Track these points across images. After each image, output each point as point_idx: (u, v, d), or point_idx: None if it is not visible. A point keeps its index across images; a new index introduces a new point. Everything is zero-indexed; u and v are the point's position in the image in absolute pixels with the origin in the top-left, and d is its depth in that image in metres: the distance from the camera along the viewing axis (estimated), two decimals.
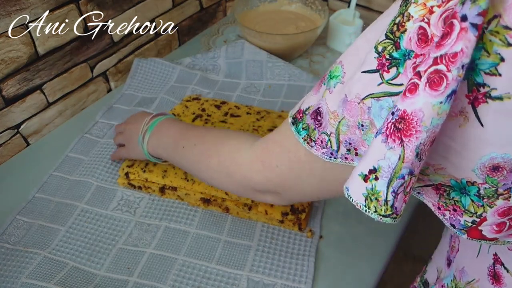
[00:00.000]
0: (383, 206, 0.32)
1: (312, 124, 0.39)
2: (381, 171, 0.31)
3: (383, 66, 0.32)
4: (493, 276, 0.44)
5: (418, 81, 0.28)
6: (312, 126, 0.39)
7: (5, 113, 0.74)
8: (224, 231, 0.65)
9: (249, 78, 0.93)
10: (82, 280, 0.58)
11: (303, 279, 0.58)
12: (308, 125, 0.40)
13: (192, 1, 1.02)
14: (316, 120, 0.38)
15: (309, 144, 0.40)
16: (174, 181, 0.67)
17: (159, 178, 0.68)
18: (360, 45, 0.35)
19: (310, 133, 0.39)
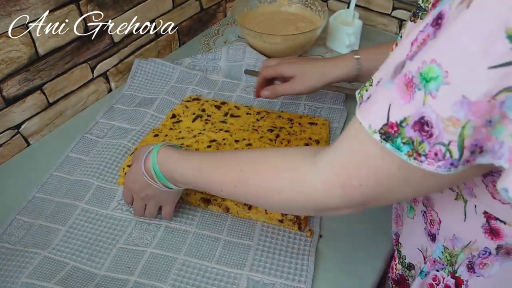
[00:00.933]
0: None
1: (418, 136, 0.34)
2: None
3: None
4: (491, 232, 0.44)
5: None
6: (419, 139, 0.34)
7: (5, 113, 0.74)
8: (224, 231, 0.65)
9: (249, 80, 0.93)
10: (83, 280, 0.58)
11: (303, 278, 0.58)
12: (411, 139, 0.35)
13: (192, 2, 1.02)
14: (423, 131, 0.34)
15: (418, 160, 0.35)
16: None
17: None
18: (462, 38, 0.30)
19: (417, 147, 0.35)
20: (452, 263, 0.50)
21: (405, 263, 0.60)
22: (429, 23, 0.34)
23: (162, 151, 0.58)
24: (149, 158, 0.58)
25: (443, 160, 0.33)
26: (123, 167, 0.70)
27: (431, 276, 0.54)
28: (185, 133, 0.75)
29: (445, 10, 0.33)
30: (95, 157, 0.75)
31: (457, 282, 0.50)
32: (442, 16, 0.33)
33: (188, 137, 0.74)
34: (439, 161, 0.34)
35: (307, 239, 0.63)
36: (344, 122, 0.82)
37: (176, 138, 0.74)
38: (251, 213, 0.65)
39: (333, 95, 0.87)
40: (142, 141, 0.75)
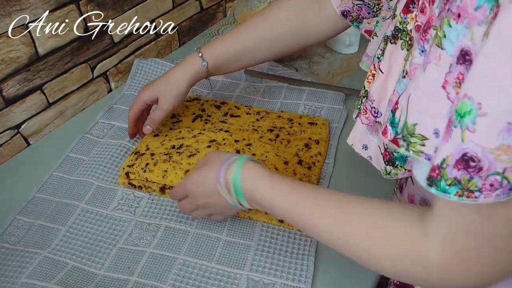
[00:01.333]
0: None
1: (464, 174, 0.34)
2: None
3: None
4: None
5: None
6: (466, 177, 0.33)
7: (5, 113, 0.74)
8: (224, 231, 0.65)
9: (249, 80, 0.93)
10: (83, 280, 0.58)
11: (303, 278, 0.58)
12: (456, 179, 0.34)
13: (192, 2, 1.02)
14: (469, 168, 0.33)
15: (471, 197, 0.34)
16: (174, 181, 0.67)
17: (159, 178, 0.68)
18: (490, 68, 0.31)
19: (466, 185, 0.34)
20: None
21: None
22: (454, 62, 0.34)
23: (249, 166, 0.52)
24: (231, 169, 0.53)
25: (500, 188, 0.33)
26: (123, 167, 0.71)
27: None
28: (185, 133, 0.75)
29: (468, 46, 0.33)
30: (95, 157, 0.75)
31: None
32: (468, 52, 0.33)
33: (188, 137, 0.74)
34: (496, 190, 0.33)
35: (307, 239, 0.63)
36: (344, 122, 0.82)
37: (176, 138, 0.74)
38: (251, 213, 0.65)
39: (333, 95, 0.87)
40: (143, 141, 0.75)
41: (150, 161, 0.69)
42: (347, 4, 0.64)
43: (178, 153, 0.71)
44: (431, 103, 0.37)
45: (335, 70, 0.97)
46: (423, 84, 0.37)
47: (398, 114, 0.40)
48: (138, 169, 0.69)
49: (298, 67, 0.98)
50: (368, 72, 0.52)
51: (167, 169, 0.68)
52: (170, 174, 0.67)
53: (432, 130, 0.38)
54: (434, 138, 0.37)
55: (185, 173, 0.67)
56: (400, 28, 0.44)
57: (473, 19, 0.32)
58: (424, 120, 0.38)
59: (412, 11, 0.42)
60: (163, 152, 0.71)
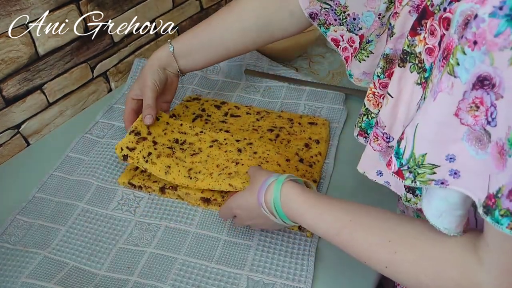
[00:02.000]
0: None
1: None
2: None
3: None
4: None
5: None
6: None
7: (5, 113, 0.74)
8: (224, 231, 0.65)
9: (249, 80, 0.93)
10: (83, 280, 0.58)
11: (303, 278, 0.58)
12: (508, 210, 0.33)
13: (192, 2, 1.02)
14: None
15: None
16: (177, 179, 0.66)
17: (162, 173, 0.66)
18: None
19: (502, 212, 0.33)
20: None
21: None
22: (469, 89, 0.33)
23: (287, 188, 0.52)
24: (270, 192, 0.53)
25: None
26: (120, 147, 0.67)
27: None
28: (187, 128, 0.74)
29: (487, 71, 0.32)
30: (95, 157, 0.75)
31: None
32: (488, 77, 0.32)
33: (190, 134, 0.73)
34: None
35: (307, 239, 0.63)
36: (344, 122, 0.82)
37: (179, 131, 0.73)
38: None
39: (333, 95, 0.87)
40: (142, 120, 0.73)
41: (153, 151, 0.68)
42: (315, 6, 0.64)
43: (182, 149, 0.70)
44: (444, 131, 0.36)
45: (335, 70, 0.97)
46: (433, 113, 0.36)
47: (403, 145, 0.39)
48: (140, 156, 0.67)
49: (298, 67, 0.98)
50: (368, 90, 0.52)
51: (170, 165, 0.67)
52: (173, 171, 0.67)
53: (444, 157, 0.37)
54: (447, 163, 0.37)
55: (188, 171, 0.67)
56: (408, 51, 0.43)
57: (493, 45, 0.31)
58: (435, 148, 0.37)
59: (419, 33, 0.42)
60: (166, 144, 0.70)
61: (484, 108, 0.33)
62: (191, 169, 0.67)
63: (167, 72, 0.74)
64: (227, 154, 0.70)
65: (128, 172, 0.71)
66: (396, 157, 0.40)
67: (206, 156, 0.69)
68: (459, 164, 0.36)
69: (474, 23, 0.32)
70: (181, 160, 0.68)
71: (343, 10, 0.61)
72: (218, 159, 0.69)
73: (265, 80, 0.92)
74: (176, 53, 0.72)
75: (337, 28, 0.63)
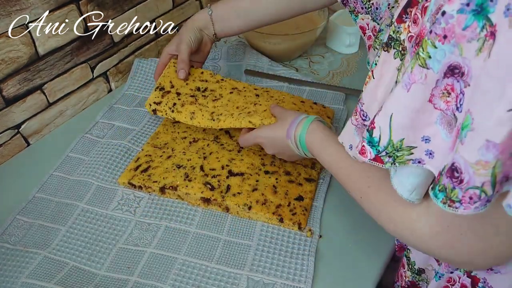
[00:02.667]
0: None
1: (449, 183, 0.36)
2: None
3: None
4: None
5: None
6: (450, 186, 0.36)
7: (6, 113, 0.74)
8: (224, 231, 0.65)
9: (249, 80, 0.93)
10: (83, 280, 0.58)
11: (302, 278, 0.58)
12: (444, 186, 0.36)
13: (192, 2, 1.02)
14: (453, 178, 0.35)
15: (452, 207, 0.36)
16: (202, 122, 0.72)
17: (187, 119, 0.73)
18: (486, 87, 0.32)
19: (450, 194, 0.36)
20: None
21: (415, 269, 0.60)
22: (441, 78, 0.36)
23: (313, 126, 0.60)
24: (299, 127, 0.61)
25: (479, 201, 0.35)
26: (149, 103, 0.75)
27: (446, 278, 0.54)
28: (208, 76, 0.80)
29: (457, 61, 0.35)
30: (95, 157, 0.75)
31: (473, 282, 0.51)
32: (458, 66, 0.35)
33: (211, 81, 0.79)
34: (475, 203, 0.35)
35: (307, 239, 0.63)
36: (344, 122, 0.82)
37: (200, 79, 0.79)
38: (251, 213, 0.65)
39: (333, 95, 0.87)
40: (165, 76, 0.78)
41: (177, 101, 0.74)
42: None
43: (204, 96, 0.76)
44: (420, 117, 0.38)
45: (335, 70, 0.97)
46: (408, 103, 0.39)
47: (377, 134, 0.42)
48: (166, 108, 0.74)
49: (298, 67, 0.98)
50: (367, 78, 0.53)
51: (194, 111, 0.73)
52: (197, 116, 0.73)
53: (420, 138, 0.39)
54: (423, 143, 0.39)
55: (211, 114, 0.72)
56: (393, 37, 0.44)
57: (461, 38, 0.34)
58: (411, 133, 0.39)
59: (405, 21, 0.43)
60: (188, 93, 0.76)
61: (455, 95, 0.36)
62: (213, 112, 0.73)
63: (203, 33, 0.79)
64: (246, 98, 0.76)
65: (128, 172, 0.71)
66: (370, 145, 0.43)
67: (227, 101, 0.75)
68: (433, 145, 0.39)
69: (443, 20, 0.34)
70: (204, 105, 0.74)
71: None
72: (238, 102, 0.75)
73: (265, 80, 0.92)
74: (213, 17, 0.77)
75: (364, 16, 0.67)
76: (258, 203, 0.65)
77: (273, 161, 0.72)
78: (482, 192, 0.34)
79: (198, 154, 0.73)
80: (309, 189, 0.68)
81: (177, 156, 0.73)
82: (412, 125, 0.39)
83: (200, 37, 0.79)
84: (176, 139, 0.76)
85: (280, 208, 0.65)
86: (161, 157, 0.73)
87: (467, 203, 0.35)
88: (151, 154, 0.74)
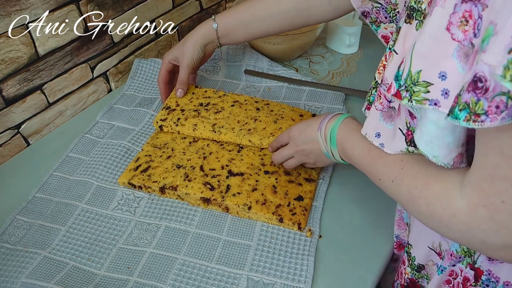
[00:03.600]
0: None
1: (473, 97, 0.33)
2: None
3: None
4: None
5: None
6: (474, 99, 0.33)
7: (6, 113, 0.74)
8: (224, 231, 0.65)
9: (249, 80, 0.93)
10: (82, 280, 0.58)
11: (302, 278, 0.58)
12: (466, 103, 0.34)
13: (192, 2, 1.02)
14: (477, 90, 0.33)
15: (477, 121, 0.33)
16: (203, 133, 0.76)
17: (190, 131, 0.76)
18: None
19: (474, 109, 0.33)
20: (471, 253, 0.50)
21: (415, 265, 0.60)
22: (459, 2, 0.36)
23: (347, 121, 0.59)
24: (332, 121, 0.60)
25: (506, 109, 0.32)
26: (156, 121, 0.78)
27: (448, 272, 0.53)
28: (211, 93, 0.83)
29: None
30: (95, 157, 0.75)
31: (476, 274, 0.50)
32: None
33: (214, 97, 0.82)
34: (502, 112, 0.32)
35: (307, 239, 0.63)
36: None
37: (203, 96, 0.82)
38: (251, 213, 0.65)
39: (333, 95, 0.87)
40: (172, 97, 0.81)
41: (181, 116, 0.78)
42: (367, 5, 0.66)
43: (206, 109, 0.79)
44: (437, 46, 0.38)
45: (335, 70, 0.97)
46: (429, 29, 0.38)
47: (402, 67, 0.41)
48: (171, 123, 0.77)
49: (298, 67, 0.98)
50: (380, 63, 0.53)
51: (197, 123, 0.76)
52: (199, 127, 0.76)
53: (437, 74, 0.38)
54: (440, 81, 0.38)
55: (212, 126, 0.76)
56: (415, 8, 0.44)
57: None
58: (429, 65, 0.39)
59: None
60: (192, 108, 0.80)
61: (472, 22, 0.35)
62: (215, 124, 0.76)
63: (206, 48, 0.81)
64: (246, 112, 0.79)
65: (128, 172, 0.71)
66: (395, 80, 0.42)
67: (228, 113, 0.79)
68: (449, 82, 0.38)
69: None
70: (206, 118, 0.78)
71: (393, 8, 0.64)
72: (239, 115, 0.78)
73: (265, 80, 0.92)
74: (219, 30, 0.78)
75: (387, 25, 0.66)
76: (258, 203, 0.65)
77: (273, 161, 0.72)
78: (509, 99, 0.31)
79: (198, 154, 0.73)
80: (309, 189, 0.68)
81: (177, 156, 0.73)
82: (430, 55, 0.38)
83: (203, 54, 0.81)
84: (176, 139, 0.77)
85: (280, 208, 0.65)
86: (161, 157, 0.73)
87: (493, 113, 0.32)
88: (151, 154, 0.74)
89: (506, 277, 0.48)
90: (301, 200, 0.66)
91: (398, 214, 0.63)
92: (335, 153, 0.60)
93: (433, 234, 0.55)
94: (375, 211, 0.68)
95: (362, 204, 0.69)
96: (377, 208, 0.68)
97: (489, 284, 0.49)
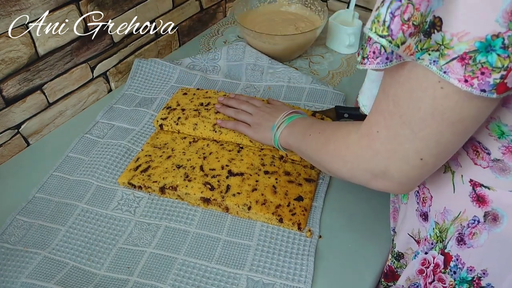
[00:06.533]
0: (381, 27, 0.36)
1: (364, 44, 0.40)
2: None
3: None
4: (478, 200, 0.47)
5: None
6: (364, 46, 0.40)
7: (6, 113, 0.74)
8: (224, 231, 0.65)
9: (249, 80, 0.93)
10: (82, 280, 0.58)
11: (302, 278, 0.58)
12: (361, 48, 0.40)
13: (192, 2, 1.02)
14: (368, 39, 0.39)
15: (362, 63, 0.40)
16: (204, 132, 0.76)
17: (190, 130, 0.77)
18: None
19: (363, 53, 0.40)
20: (442, 238, 0.52)
21: (395, 252, 0.60)
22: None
23: (295, 121, 0.66)
24: (286, 117, 0.68)
25: (379, 56, 0.38)
26: (156, 120, 0.79)
27: (420, 261, 0.55)
28: (211, 94, 0.84)
29: None
30: (95, 157, 0.75)
31: (445, 259, 0.52)
32: None
33: (214, 97, 0.82)
34: (377, 58, 0.38)
35: (306, 239, 0.63)
36: None
37: (204, 96, 0.83)
38: (251, 213, 0.65)
39: (333, 95, 0.87)
40: (173, 98, 0.83)
41: (182, 115, 0.79)
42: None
43: (206, 109, 0.80)
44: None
45: (335, 70, 0.97)
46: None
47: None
48: (171, 122, 0.78)
49: (298, 67, 0.98)
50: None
51: (197, 122, 0.77)
52: (200, 127, 0.76)
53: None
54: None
55: (212, 126, 0.76)
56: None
57: None
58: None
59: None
60: (192, 108, 0.80)
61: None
62: (215, 124, 0.77)
63: None
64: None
65: (128, 172, 0.71)
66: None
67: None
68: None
69: None
70: (206, 117, 0.78)
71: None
72: None
73: (265, 80, 0.92)
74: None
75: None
76: (258, 203, 0.65)
77: (273, 161, 0.72)
78: (382, 46, 0.38)
79: (198, 154, 0.73)
80: (308, 189, 0.68)
81: (177, 156, 0.73)
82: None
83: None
84: (176, 139, 0.77)
85: (279, 208, 0.65)
86: (161, 157, 0.73)
87: (371, 58, 0.39)
88: (151, 154, 0.74)
89: (471, 262, 0.50)
90: (301, 200, 0.66)
91: (392, 205, 0.64)
92: (279, 129, 0.66)
93: (413, 219, 0.56)
94: (375, 211, 0.68)
95: (362, 204, 0.69)
96: (377, 208, 0.68)
97: (456, 271, 0.51)
